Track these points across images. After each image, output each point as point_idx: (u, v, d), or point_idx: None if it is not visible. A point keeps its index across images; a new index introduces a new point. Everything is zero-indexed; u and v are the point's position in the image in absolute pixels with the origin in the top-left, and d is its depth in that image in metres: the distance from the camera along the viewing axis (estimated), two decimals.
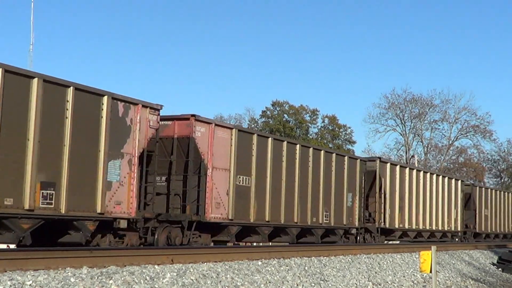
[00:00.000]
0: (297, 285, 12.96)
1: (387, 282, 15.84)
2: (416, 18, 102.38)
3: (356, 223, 25.23)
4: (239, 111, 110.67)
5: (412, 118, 70.24)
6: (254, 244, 21.82)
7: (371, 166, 27.02)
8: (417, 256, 19.68)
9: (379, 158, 28.26)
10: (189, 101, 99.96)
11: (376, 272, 16.60)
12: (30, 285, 8.93)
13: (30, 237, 13.76)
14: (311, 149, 22.69)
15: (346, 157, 24.94)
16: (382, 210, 27.14)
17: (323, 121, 70.10)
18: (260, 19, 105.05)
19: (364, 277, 15.59)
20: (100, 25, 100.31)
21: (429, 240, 31.98)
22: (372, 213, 27.24)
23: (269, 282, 12.49)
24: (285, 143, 21.27)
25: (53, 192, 13.41)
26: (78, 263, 10.76)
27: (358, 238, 26.07)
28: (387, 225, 27.30)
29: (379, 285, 15.27)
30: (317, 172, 22.66)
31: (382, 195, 27.25)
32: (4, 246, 15.13)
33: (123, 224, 15.15)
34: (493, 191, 42.69)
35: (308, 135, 68.45)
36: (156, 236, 16.40)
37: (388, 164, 28.16)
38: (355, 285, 14.57)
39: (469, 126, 70.97)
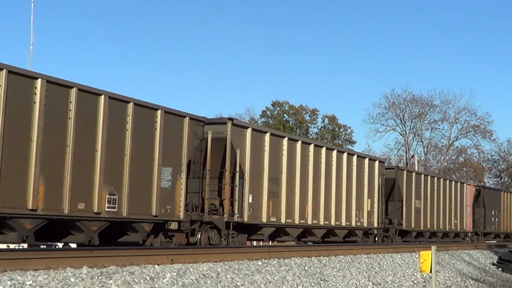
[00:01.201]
0: (297, 285, 12.95)
1: (387, 282, 15.83)
2: (416, 18, 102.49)
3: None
4: (239, 111, 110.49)
5: (412, 118, 70.31)
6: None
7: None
8: (417, 256, 19.68)
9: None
10: (189, 101, 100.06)
11: (376, 272, 16.60)
12: (30, 285, 8.93)
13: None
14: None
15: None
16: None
17: (323, 121, 70.22)
18: (260, 20, 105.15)
19: (364, 277, 15.58)
20: (100, 25, 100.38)
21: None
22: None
23: (269, 282, 12.49)
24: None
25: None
26: (78, 263, 10.76)
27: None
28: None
29: (379, 285, 15.26)
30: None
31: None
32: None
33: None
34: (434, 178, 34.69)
35: (308, 135, 68.45)
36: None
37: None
38: (355, 285, 14.56)
39: (469, 126, 71.06)
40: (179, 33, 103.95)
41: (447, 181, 35.79)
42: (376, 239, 27.42)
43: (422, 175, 32.77)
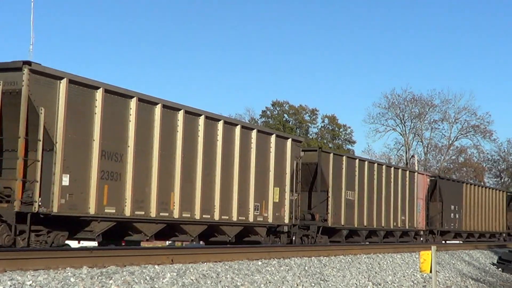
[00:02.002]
0: (297, 285, 12.95)
1: (387, 282, 15.84)
2: (416, 18, 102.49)
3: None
4: (239, 111, 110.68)
5: (412, 118, 70.34)
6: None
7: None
8: (417, 256, 19.68)
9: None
10: (189, 101, 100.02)
11: (376, 272, 16.60)
12: (30, 285, 8.93)
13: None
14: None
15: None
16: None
17: (323, 121, 70.21)
18: (260, 19, 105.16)
19: (364, 277, 15.59)
20: (100, 25, 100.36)
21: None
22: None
23: (269, 282, 12.49)
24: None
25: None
26: (78, 263, 10.76)
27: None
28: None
29: (379, 285, 15.27)
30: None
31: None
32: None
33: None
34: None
35: (308, 135, 68.48)
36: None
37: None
38: (355, 285, 14.57)
39: (469, 126, 71.09)
40: (179, 32, 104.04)
41: (392, 168, 29.32)
42: (293, 238, 22.22)
43: (357, 160, 26.32)
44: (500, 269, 23.88)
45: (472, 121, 70.74)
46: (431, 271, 12.54)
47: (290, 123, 68.59)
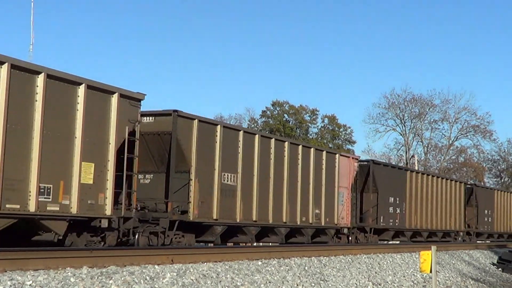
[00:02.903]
0: (297, 285, 12.96)
1: (387, 282, 15.84)
2: (416, 18, 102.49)
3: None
4: (239, 111, 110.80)
5: (412, 118, 70.35)
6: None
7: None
8: (417, 256, 19.68)
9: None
10: (189, 101, 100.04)
11: (376, 272, 16.60)
12: (30, 285, 8.93)
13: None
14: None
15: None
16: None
17: (323, 121, 70.19)
18: (261, 19, 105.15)
19: (364, 277, 15.59)
20: (100, 24, 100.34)
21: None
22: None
23: (269, 282, 12.49)
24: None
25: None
26: (78, 263, 10.76)
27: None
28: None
29: (379, 285, 15.27)
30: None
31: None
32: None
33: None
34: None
35: (308, 135, 68.50)
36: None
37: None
38: (355, 285, 14.57)
39: (469, 126, 71.10)
40: (179, 32, 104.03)
41: (300, 147, 22.51)
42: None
43: (241, 132, 19.89)
44: (500, 269, 23.88)
45: (472, 121, 70.86)
46: (431, 271, 12.54)
47: (290, 123, 68.60)
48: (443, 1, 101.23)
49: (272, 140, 21.15)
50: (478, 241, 37.39)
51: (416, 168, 53.77)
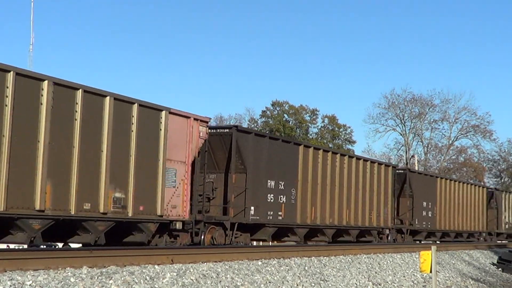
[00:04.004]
0: (297, 285, 12.95)
1: (387, 282, 15.83)
2: (416, 18, 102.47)
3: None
4: (239, 111, 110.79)
5: (412, 118, 70.29)
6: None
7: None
8: (417, 256, 19.67)
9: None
10: (189, 101, 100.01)
11: (376, 272, 16.59)
12: (30, 285, 8.93)
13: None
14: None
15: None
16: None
17: (323, 121, 70.15)
18: (261, 19, 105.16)
19: (364, 277, 15.58)
20: (100, 24, 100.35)
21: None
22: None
23: (269, 282, 12.48)
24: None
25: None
26: (78, 263, 10.75)
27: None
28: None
29: (379, 285, 15.26)
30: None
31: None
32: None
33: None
34: None
35: (308, 135, 68.47)
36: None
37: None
38: (355, 285, 14.56)
39: (469, 126, 71.01)
40: (179, 32, 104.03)
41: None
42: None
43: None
44: (500, 269, 23.88)
45: (472, 121, 70.77)
46: (431, 271, 12.53)
47: (290, 123, 68.56)
48: (443, 1, 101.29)
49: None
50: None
51: (416, 168, 53.73)
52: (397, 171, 29.75)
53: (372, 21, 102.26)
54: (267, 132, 58.83)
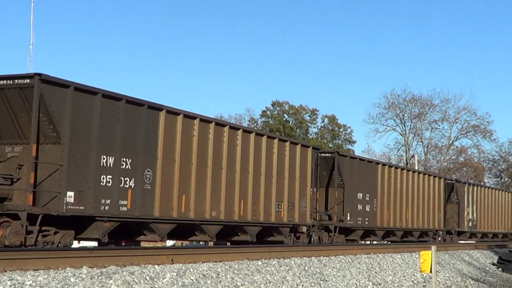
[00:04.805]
0: (297, 285, 12.95)
1: (387, 282, 15.84)
2: (416, 18, 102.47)
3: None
4: (239, 111, 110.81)
5: (412, 118, 70.32)
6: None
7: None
8: (417, 256, 19.68)
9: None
10: (189, 101, 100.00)
11: (376, 272, 16.60)
12: (30, 285, 8.93)
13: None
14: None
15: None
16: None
17: (323, 121, 70.19)
18: (261, 19, 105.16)
19: (364, 277, 15.59)
20: (100, 24, 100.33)
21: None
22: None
23: (269, 282, 12.49)
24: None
25: None
26: (78, 263, 10.76)
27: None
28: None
29: (379, 285, 15.27)
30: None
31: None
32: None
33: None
34: None
35: (308, 135, 68.49)
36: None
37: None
38: (355, 285, 14.57)
39: (469, 126, 71.03)
40: (180, 32, 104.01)
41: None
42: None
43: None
44: (500, 269, 23.88)
45: (472, 121, 70.79)
46: (431, 271, 12.54)
47: (290, 123, 68.59)
48: (443, 1, 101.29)
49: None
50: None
51: (417, 168, 53.70)
52: (321, 154, 24.57)
53: (372, 21, 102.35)
54: (267, 131, 58.74)
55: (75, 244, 21.50)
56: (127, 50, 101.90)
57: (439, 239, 33.35)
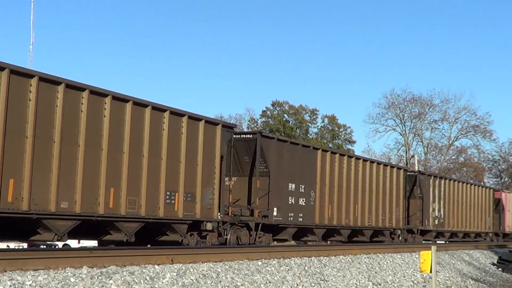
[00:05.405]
0: (297, 285, 12.96)
1: (387, 282, 15.84)
2: (416, 18, 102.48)
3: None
4: (239, 111, 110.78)
5: (412, 118, 70.33)
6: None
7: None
8: (417, 256, 19.68)
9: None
10: (189, 101, 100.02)
11: (376, 272, 16.60)
12: (30, 285, 8.93)
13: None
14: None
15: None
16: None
17: (323, 121, 70.22)
18: (261, 19, 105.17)
19: (364, 277, 15.59)
20: (100, 24, 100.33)
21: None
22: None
23: (269, 282, 12.49)
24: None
25: None
26: (78, 263, 10.76)
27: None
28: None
29: (379, 285, 15.27)
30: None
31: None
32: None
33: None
34: None
35: (308, 135, 68.51)
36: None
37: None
38: (355, 285, 14.57)
39: (469, 126, 71.04)
40: (180, 32, 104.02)
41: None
42: None
43: None
44: (500, 269, 23.88)
45: (472, 121, 70.79)
46: (431, 271, 12.54)
47: (290, 123, 68.62)
48: (443, 1, 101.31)
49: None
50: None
51: (417, 168, 53.66)
52: (239, 135, 20.47)
53: (372, 21, 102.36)
54: (267, 131, 58.78)
55: (75, 244, 21.44)
56: (127, 49, 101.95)
57: (400, 239, 28.99)
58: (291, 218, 21.35)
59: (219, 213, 17.91)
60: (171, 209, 16.35)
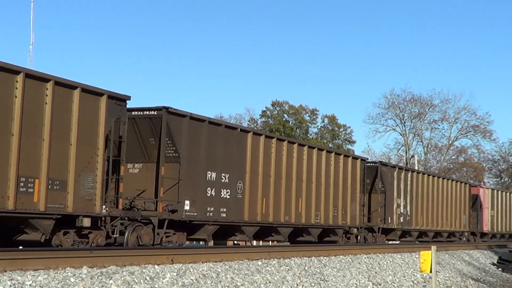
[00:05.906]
0: (297, 285, 12.96)
1: (387, 282, 15.84)
2: (416, 18, 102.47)
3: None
4: (239, 111, 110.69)
5: (412, 118, 70.34)
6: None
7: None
8: (417, 256, 19.69)
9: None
10: (189, 101, 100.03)
11: (376, 272, 16.60)
12: (30, 285, 8.93)
13: None
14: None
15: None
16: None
17: (323, 121, 70.22)
18: (261, 19, 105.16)
19: (364, 277, 15.59)
20: (100, 24, 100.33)
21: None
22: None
23: (269, 282, 12.49)
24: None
25: None
26: (78, 263, 10.76)
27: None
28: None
29: (379, 285, 15.27)
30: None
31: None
32: None
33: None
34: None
35: (308, 135, 68.51)
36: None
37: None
38: (355, 285, 14.57)
39: (469, 126, 71.03)
40: (179, 32, 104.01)
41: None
42: None
43: None
44: (500, 269, 23.88)
45: (472, 121, 70.79)
46: (431, 271, 12.54)
47: (290, 123, 68.62)
48: (443, 1, 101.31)
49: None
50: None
51: (417, 168, 53.61)
52: (136, 111, 16.76)
53: (372, 21, 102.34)
54: (267, 131, 58.77)
55: None
56: (127, 49, 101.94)
57: (358, 239, 25.79)
58: (211, 214, 17.83)
59: (103, 206, 14.33)
60: (28, 200, 12.83)
